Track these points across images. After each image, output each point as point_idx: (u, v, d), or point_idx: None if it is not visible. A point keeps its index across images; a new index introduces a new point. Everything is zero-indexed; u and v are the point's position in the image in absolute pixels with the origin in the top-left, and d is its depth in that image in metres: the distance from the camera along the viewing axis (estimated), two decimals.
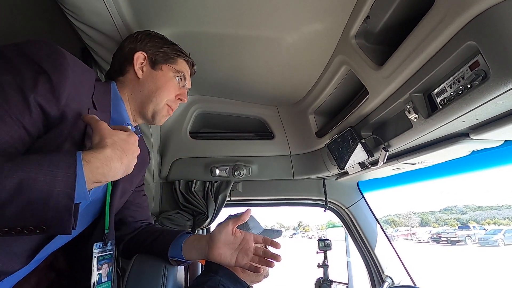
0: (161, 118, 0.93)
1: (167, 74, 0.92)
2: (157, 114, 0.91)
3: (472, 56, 0.68)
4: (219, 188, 1.63)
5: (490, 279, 11.03)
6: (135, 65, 0.89)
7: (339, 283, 1.72)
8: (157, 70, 0.91)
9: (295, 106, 1.62)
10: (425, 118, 0.87)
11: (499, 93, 0.63)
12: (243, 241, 0.93)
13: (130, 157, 0.66)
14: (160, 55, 0.92)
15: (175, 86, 0.93)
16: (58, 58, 0.66)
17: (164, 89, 0.90)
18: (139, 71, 0.89)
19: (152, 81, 0.89)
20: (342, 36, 1.05)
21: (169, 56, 0.93)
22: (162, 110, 0.92)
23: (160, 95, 0.90)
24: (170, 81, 0.92)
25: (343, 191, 1.74)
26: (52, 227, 0.55)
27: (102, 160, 0.60)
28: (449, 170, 1.36)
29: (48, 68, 0.64)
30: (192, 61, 1.01)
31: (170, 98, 0.92)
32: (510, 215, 57.06)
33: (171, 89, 0.92)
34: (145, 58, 0.90)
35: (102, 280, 0.82)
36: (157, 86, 0.90)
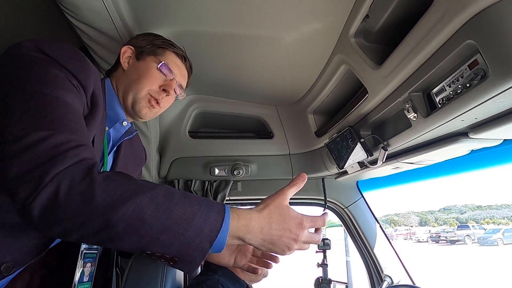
0: (142, 109, 0.88)
1: (150, 64, 0.89)
2: (136, 104, 0.87)
3: (471, 55, 0.68)
4: (218, 188, 1.63)
5: (489, 277, 11.05)
6: (121, 58, 0.89)
7: (338, 282, 1.72)
8: (140, 61, 0.89)
9: (294, 105, 1.62)
10: (424, 117, 0.87)
11: (498, 92, 0.63)
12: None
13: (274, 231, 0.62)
14: (148, 47, 0.90)
15: (158, 76, 0.89)
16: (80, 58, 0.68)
17: (144, 78, 0.87)
18: (125, 63, 0.89)
19: (135, 71, 0.88)
20: (341, 35, 1.05)
21: (156, 47, 0.91)
22: (142, 100, 0.87)
23: (140, 83, 0.86)
24: (152, 70, 0.88)
25: (342, 191, 1.74)
26: (182, 262, 0.56)
27: (247, 219, 0.60)
28: (448, 169, 1.36)
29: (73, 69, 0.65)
30: (182, 54, 0.96)
31: (153, 88, 0.88)
32: (509, 215, 57.19)
33: (152, 79, 0.88)
34: (132, 52, 0.90)
35: (83, 279, 0.82)
36: (138, 75, 0.87)
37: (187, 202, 0.55)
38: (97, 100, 0.70)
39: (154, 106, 0.89)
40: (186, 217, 0.54)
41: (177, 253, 0.54)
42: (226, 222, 0.57)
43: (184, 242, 0.54)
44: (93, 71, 0.69)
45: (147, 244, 0.53)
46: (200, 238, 0.54)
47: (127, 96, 0.87)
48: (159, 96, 0.89)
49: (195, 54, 1.23)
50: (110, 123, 0.85)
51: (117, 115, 0.86)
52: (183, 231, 0.53)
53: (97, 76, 0.72)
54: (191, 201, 0.56)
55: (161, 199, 0.53)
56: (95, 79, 0.70)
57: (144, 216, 0.51)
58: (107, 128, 0.84)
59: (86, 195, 0.49)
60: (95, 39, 1.04)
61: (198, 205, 0.55)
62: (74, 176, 0.50)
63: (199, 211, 0.55)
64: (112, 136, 0.87)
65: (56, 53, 0.64)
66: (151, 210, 0.52)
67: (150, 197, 0.53)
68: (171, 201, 0.54)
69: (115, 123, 0.87)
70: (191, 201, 0.55)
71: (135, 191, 0.52)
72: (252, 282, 1.21)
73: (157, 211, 0.52)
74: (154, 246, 0.53)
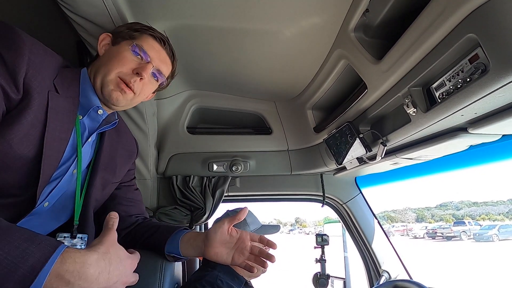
0: (112, 93, 0.81)
1: (123, 47, 0.84)
2: (104, 87, 0.80)
3: (472, 49, 0.68)
4: (217, 184, 1.62)
5: (483, 272, 11.18)
6: (98, 46, 0.86)
7: (337, 278, 1.73)
8: (115, 45, 0.86)
9: (293, 101, 1.61)
10: (424, 112, 0.86)
11: (498, 86, 0.63)
12: (239, 240, 0.92)
13: (111, 276, 0.57)
14: (125, 32, 0.86)
15: (131, 59, 0.83)
16: (12, 37, 0.63)
17: (114, 60, 0.81)
18: (101, 50, 0.86)
19: (108, 55, 0.84)
20: (341, 29, 1.04)
21: (133, 31, 0.86)
22: (110, 83, 0.80)
23: (109, 65, 0.81)
24: (124, 53, 0.82)
25: (340, 187, 1.74)
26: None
27: (79, 264, 0.52)
28: (447, 165, 1.37)
29: (2, 48, 0.61)
30: (161, 37, 0.89)
31: (123, 70, 0.81)
32: (505, 211, 57.74)
33: (122, 60, 0.82)
34: (110, 38, 0.87)
35: None
36: (109, 58, 0.83)
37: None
38: (31, 82, 0.65)
39: (125, 91, 0.82)
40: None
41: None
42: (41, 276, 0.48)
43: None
44: (28, 50, 0.64)
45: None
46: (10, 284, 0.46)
47: (96, 79, 0.81)
48: (131, 79, 0.82)
49: (193, 49, 1.22)
50: (84, 112, 0.81)
51: (90, 102, 0.82)
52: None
53: (42, 58, 0.68)
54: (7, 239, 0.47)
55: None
56: (32, 59, 0.65)
57: None
58: (80, 116, 0.80)
59: None
60: (91, 33, 1.03)
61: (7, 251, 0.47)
62: None
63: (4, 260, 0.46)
64: (87, 126, 0.83)
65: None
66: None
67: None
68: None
69: (89, 111, 0.82)
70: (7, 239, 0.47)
71: None
72: (251, 277, 1.21)
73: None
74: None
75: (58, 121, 0.71)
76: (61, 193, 0.80)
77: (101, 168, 0.88)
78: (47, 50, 0.71)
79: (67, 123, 0.74)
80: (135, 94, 0.85)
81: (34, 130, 0.66)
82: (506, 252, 16.75)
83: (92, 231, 0.88)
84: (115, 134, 0.97)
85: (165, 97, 1.54)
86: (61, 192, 0.80)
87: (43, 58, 0.69)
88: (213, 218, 1.59)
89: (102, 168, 0.88)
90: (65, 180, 0.79)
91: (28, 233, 0.51)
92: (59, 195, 0.80)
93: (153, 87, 0.92)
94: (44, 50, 0.70)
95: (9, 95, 0.62)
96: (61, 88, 0.73)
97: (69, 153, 0.77)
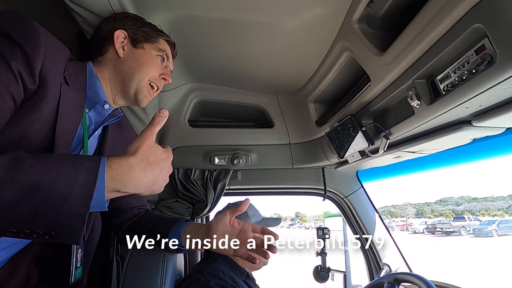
0: (143, 98, 0.90)
1: (149, 52, 0.89)
2: (139, 93, 0.88)
3: (478, 39, 0.67)
4: (218, 177, 1.62)
5: (480, 265, 11.27)
6: (115, 44, 0.86)
7: (337, 271, 1.74)
8: (139, 48, 0.88)
9: (295, 94, 1.60)
10: (428, 104, 0.86)
11: (505, 77, 0.62)
12: (241, 231, 0.92)
13: (155, 172, 0.62)
14: (140, 33, 0.89)
15: (158, 64, 0.91)
16: (28, 28, 0.64)
17: (147, 66, 0.88)
18: (120, 49, 0.87)
19: (134, 59, 0.87)
20: (345, 21, 1.03)
21: (150, 35, 0.91)
22: (144, 89, 0.89)
23: (143, 72, 0.87)
24: (153, 59, 0.90)
25: (342, 180, 1.74)
26: (61, 235, 0.52)
27: (124, 167, 0.57)
28: (449, 159, 1.36)
29: (19, 38, 0.61)
30: (173, 42, 0.98)
31: (154, 75, 0.90)
32: (504, 207, 57.93)
33: (154, 67, 0.89)
34: (125, 36, 0.88)
35: (77, 265, 0.83)
36: (139, 63, 0.87)
37: (42, 167, 0.50)
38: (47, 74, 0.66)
39: (152, 95, 0.92)
40: (43, 184, 0.49)
41: (47, 227, 0.50)
42: (101, 179, 0.53)
43: (49, 212, 0.49)
44: (44, 41, 0.65)
45: (5, 224, 0.49)
46: (70, 203, 0.50)
47: (129, 84, 0.86)
48: (159, 83, 0.92)
49: (195, 41, 1.21)
50: (90, 105, 0.83)
51: (98, 96, 0.84)
52: (44, 200, 0.49)
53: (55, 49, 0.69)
54: (47, 165, 0.50)
55: (2, 171, 0.48)
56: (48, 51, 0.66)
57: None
58: (87, 110, 0.81)
59: None
60: (92, 24, 1.01)
61: (59, 167, 0.51)
62: None
63: (60, 173, 0.50)
64: (93, 119, 0.85)
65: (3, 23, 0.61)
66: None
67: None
68: (17, 170, 0.49)
69: (96, 105, 0.84)
70: (47, 165, 0.50)
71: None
72: (252, 269, 1.22)
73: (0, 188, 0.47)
74: (13, 224, 0.49)
75: (68, 114, 0.72)
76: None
77: None
78: (58, 42, 0.71)
79: (75, 116, 0.75)
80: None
81: (47, 122, 0.67)
82: (505, 247, 16.84)
83: (98, 221, 0.89)
84: (117, 128, 0.98)
85: (167, 90, 1.53)
86: None
87: (56, 50, 0.70)
88: (215, 211, 1.60)
89: None
90: None
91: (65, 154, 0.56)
92: None
93: None
94: (56, 42, 0.70)
95: (26, 85, 0.63)
96: (70, 81, 0.74)
97: (75, 146, 0.78)
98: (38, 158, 0.51)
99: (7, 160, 0.50)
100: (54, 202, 0.49)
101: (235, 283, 0.99)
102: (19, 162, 0.50)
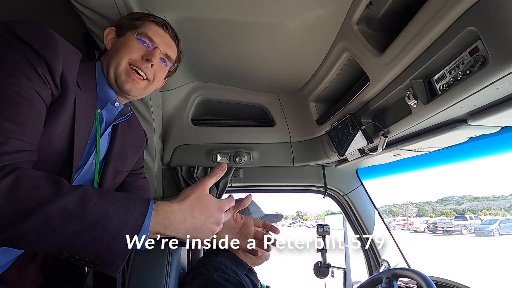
0: (125, 83, 0.84)
1: (129, 37, 0.87)
2: (118, 78, 0.84)
3: (472, 41, 0.69)
4: None
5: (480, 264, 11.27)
6: (105, 40, 0.89)
7: (337, 267, 1.76)
8: (121, 37, 0.89)
9: (296, 93, 1.63)
10: (425, 104, 0.88)
11: (497, 78, 0.65)
12: (243, 225, 0.95)
13: (197, 221, 0.67)
14: (126, 23, 0.90)
15: (138, 47, 0.86)
16: (47, 38, 0.67)
17: (123, 49, 0.85)
18: (108, 44, 0.89)
19: (114, 47, 0.87)
20: (344, 22, 1.05)
21: (135, 20, 0.89)
22: (122, 73, 0.84)
23: (119, 55, 0.84)
24: (131, 42, 0.86)
25: (342, 178, 1.77)
26: (103, 265, 0.58)
27: (168, 212, 0.63)
28: (447, 158, 1.39)
29: (40, 49, 0.64)
30: (162, 21, 0.92)
31: (133, 57, 0.84)
32: (506, 206, 57.64)
33: (131, 49, 0.85)
34: (114, 32, 0.90)
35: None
36: (116, 49, 0.86)
37: (103, 206, 0.57)
38: (67, 80, 0.69)
39: (137, 80, 0.85)
40: (101, 222, 0.56)
41: (95, 257, 0.57)
42: (147, 223, 0.60)
43: (100, 246, 0.56)
44: (62, 50, 0.68)
45: (61, 249, 0.56)
46: (119, 241, 0.57)
47: (109, 72, 0.85)
48: (141, 65, 0.85)
49: (198, 41, 1.24)
50: (102, 105, 0.86)
51: (108, 96, 0.86)
52: (99, 236, 0.55)
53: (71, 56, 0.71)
54: (108, 204, 0.57)
55: (73, 206, 0.54)
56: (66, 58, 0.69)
57: (53, 225, 0.53)
58: (99, 109, 0.84)
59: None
60: (98, 25, 1.04)
61: (117, 207, 0.58)
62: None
63: (117, 214, 0.57)
64: (105, 118, 0.88)
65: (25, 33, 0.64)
66: (62, 219, 0.53)
67: (61, 206, 0.54)
68: (84, 207, 0.55)
69: (107, 104, 0.87)
70: (108, 204, 0.57)
71: (44, 200, 0.53)
72: (254, 264, 1.25)
73: (68, 220, 0.54)
74: (69, 251, 0.56)
75: (83, 116, 0.75)
76: (80, 182, 0.85)
77: (113, 158, 0.92)
78: (73, 48, 0.74)
79: (89, 117, 0.78)
80: (148, 81, 0.89)
81: (66, 125, 0.71)
82: (506, 246, 16.82)
83: None
84: (127, 126, 1.00)
85: (170, 89, 1.56)
86: (80, 182, 0.85)
87: (73, 57, 0.72)
88: None
89: (114, 158, 0.92)
90: (85, 170, 0.84)
91: (122, 193, 0.62)
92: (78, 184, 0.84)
93: (164, 73, 0.95)
94: (71, 48, 0.73)
95: (52, 91, 0.67)
96: (82, 84, 0.76)
97: (89, 145, 0.82)
98: (101, 197, 0.58)
99: (77, 195, 0.56)
100: (106, 238, 0.56)
101: (237, 276, 1.02)
102: (86, 199, 0.56)
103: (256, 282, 1.16)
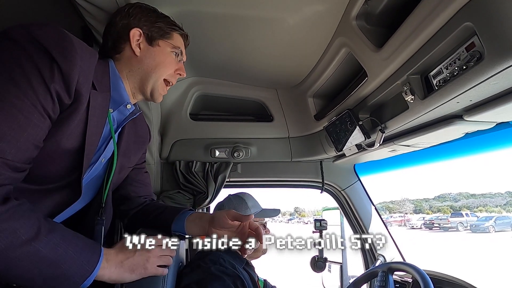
0: (159, 95, 0.94)
1: (164, 49, 0.91)
2: (155, 91, 0.91)
3: (468, 37, 0.70)
4: (219, 169, 1.66)
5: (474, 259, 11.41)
6: (132, 43, 0.87)
7: (334, 262, 1.78)
8: (155, 46, 0.90)
9: (294, 89, 1.63)
10: (421, 99, 0.89)
11: (492, 73, 0.66)
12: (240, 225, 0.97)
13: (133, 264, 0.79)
14: (155, 30, 0.90)
15: (173, 61, 0.93)
16: (66, 45, 0.65)
17: (163, 65, 0.90)
18: (137, 48, 0.88)
19: (151, 58, 0.89)
20: (343, 17, 1.05)
21: (165, 31, 0.92)
22: (160, 87, 0.92)
23: (160, 72, 0.90)
24: (169, 57, 0.92)
25: (339, 173, 1.78)
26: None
27: (117, 263, 0.75)
28: (443, 154, 1.40)
29: (58, 56, 0.63)
30: (186, 34, 0.99)
31: (170, 73, 0.93)
32: (502, 203, 58.16)
33: (170, 65, 0.92)
34: (140, 34, 0.88)
35: None
36: (156, 62, 0.89)
37: (65, 247, 0.65)
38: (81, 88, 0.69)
39: (166, 90, 0.95)
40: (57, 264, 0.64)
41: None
42: (95, 273, 0.69)
43: (54, 286, 0.65)
44: (80, 57, 0.67)
45: (12, 281, 0.63)
46: (68, 285, 0.66)
47: (147, 83, 0.89)
48: (174, 79, 0.95)
49: (197, 36, 1.23)
50: (114, 106, 0.85)
51: (122, 98, 0.87)
52: (52, 273, 0.63)
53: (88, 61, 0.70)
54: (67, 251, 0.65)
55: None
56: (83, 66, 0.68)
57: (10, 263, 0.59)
58: (111, 110, 0.84)
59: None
60: (97, 18, 1.04)
61: (74, 252, 0.66)
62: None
63: (73, 258, 0.66)
64: (116, 119, 0.88)
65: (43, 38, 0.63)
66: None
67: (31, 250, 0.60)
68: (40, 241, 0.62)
69: (119, 106, 0.87)
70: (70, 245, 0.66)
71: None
72: (252, 258, 1.26)
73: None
74: (16, 281, 0.63)
75: (95, 117, 0.75)
76: (88, 179, 0.86)
77: (120, 154, 0.92)
78: (89, 50, 0.72)
79: (101, 118, 0.78)
80: None
81: (78, 127, 0.72)
82: (501, 243, 17.01)
83: (110, 211, 0.96)
84: (132, 123, 1.00)
85: None
86: (89, 179, 0.86)
87: (90, 62, 0.71)
88: (215, 202, 1.64)
89: (121, 154, 0.93)
90: (95, 168, 0.85)
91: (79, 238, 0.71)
92: (87, 181, 0.86)
93: None
94: (89, 53, 0.71)
95: (63, 101, 0.66)
96: (97, 84, 0.76)
97: (100, 144, 0.83)
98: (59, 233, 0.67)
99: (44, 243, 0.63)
100: (60, 279, 0.65)
101: (235, 269, 1.03)
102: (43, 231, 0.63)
103: (253, 276, 1.18)
